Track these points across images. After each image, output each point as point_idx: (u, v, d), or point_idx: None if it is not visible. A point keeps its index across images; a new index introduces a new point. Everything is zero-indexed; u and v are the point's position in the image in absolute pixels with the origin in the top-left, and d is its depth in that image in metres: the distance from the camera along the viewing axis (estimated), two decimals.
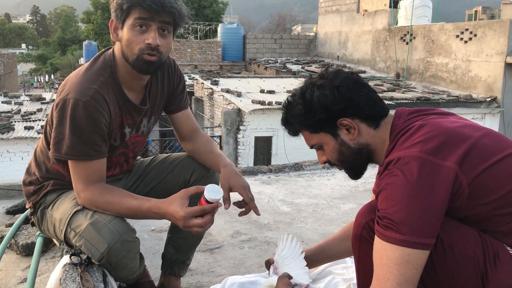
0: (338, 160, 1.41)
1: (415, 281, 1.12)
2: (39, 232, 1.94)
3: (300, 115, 1.37)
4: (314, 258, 1.71)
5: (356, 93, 1.34)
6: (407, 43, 14.56)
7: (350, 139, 1.36)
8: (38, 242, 1.99)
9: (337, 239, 1.69)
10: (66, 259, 1.62)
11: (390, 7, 16.26)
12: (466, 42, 12.52)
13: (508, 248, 1.22)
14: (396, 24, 15.64)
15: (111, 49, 1.64)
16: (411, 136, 1.24)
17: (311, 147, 1.44)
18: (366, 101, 1.34)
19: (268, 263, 1.77)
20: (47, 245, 2.22)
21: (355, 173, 1.45)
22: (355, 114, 1.34)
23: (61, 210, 1.62)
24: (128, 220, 1.63)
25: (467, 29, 12.52)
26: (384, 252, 1.14)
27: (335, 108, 1.33)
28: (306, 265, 1.72)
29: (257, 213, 1.64)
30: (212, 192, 1.48)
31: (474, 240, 1.20)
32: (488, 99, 11.39)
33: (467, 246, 1.19)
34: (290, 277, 1.61)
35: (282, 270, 1.69)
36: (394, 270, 1.11)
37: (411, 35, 14.53)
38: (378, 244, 1.17)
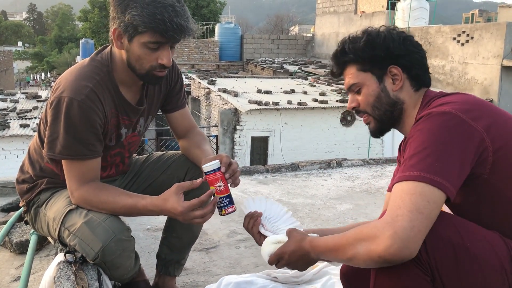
0: (373, 106, 1.40)
1: (427, 214, 1.09)
2: (33, 230, 1.92)
3: (359, 47, 1.39)
4: (320, 234, 1.66)
5: (416, 51, 1.38)
6: None
7: (392, 89, 1.38)
8: (32, 240, 1.97)
9: (345, 228, 1.68)
10: (60, 257, 1.60)
11: (387, 9, 16.30)
12: (463, 44, 12.56)
13: None
14: None
15: (109, 48, 1.60)
16: (445, 98, 1.29)
17: (349, 88, 1.44)
18: (421, 62, 1.39)
19: (250, 218, 1.57)
20: (42, 243, 2.20)
21: (380, 128, 1.44)
22: (406, 67, 1.37)
23: (54, 208, 1.60)
24: (123, 219, 1.61)
25: (464, 32, 12.56)
26: (399, 186, 1.15)
27: (394, 51, 1.36)
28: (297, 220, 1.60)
29: (235, 183, 1.57)
30: (210, 165, 1.48)
31: (501, 249, 1.18)
32: None
33: (493, 257, 1.17)
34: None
35: (273, 228, 1.55)
36: (407, 200, 1.11)
37: None
38: (395, 186, 1.17)
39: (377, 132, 1.45)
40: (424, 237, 1.10)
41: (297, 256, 1.35)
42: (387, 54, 1.36)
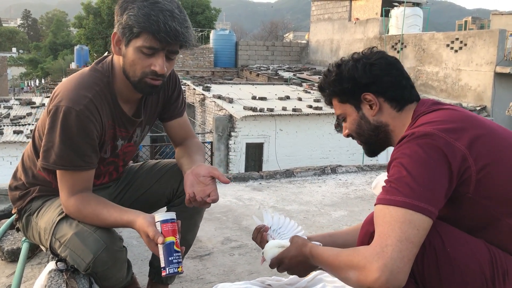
0: (356, 133, 1.48)
1: (416, 242, 1.11)
2: (25, 237, 1.90)
3: (330, 82, 1.46)
4: (321, 241, 1.67)
5: (386, 73, 1.40)
6: (398, 52, 14.67)
7: (370, 115, 1.42)
8: (24, 247, 1.95)
9: (346, 232, 1.69)
10: (51, 265, 1.59)
11: (381, 16, 16.41)
12: (456, 51, 12.66)
13: None
14: (387, 33, 15.77)
15: (110, 57, 1.58)
16: (430, 115, 1.30)
17: (337, 118, 1.53)
18: (393, 83, 1.40)
19: (257, 232, 1.63)
20: (33, 251, 2.18)
21: (370, 149, 1.51)
22: (379, 92, 1.40)
23: (45, 218, 1.58)
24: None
25: (457, 39, 12.66)
26: (387, 210, 1.15)
27: (361, 81, 1.40)
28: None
29: (224, 180, 1.56)
30: (168, 214, 1.41)
31: (483, 255, 1.19)
32: (478, 108, 11.50)
33: (474, 262, 1.18)
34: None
35: (281, 239, 1.59)
36: (396, 228, 1.11)
37: (402, 43, 14.65)
38: (379, 207, 1.17)
39: (369, 153, 1.53)
40: (412, 264, 1.11)
41: (297, 261, 1.39)
42: (355, 85, 1.41)
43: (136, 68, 1.46)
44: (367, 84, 1.39)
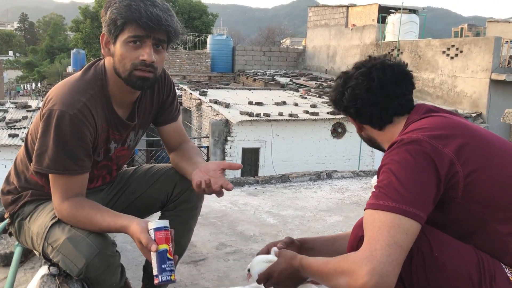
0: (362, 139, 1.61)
1: (405, 247, 1.12)
2: (17, 242, 1.89)
3: (332, 102, 1.58)
4: (322, 250, 1.65)
5: (358, 99, 1.44)
6: (394, 58, 14.74)
7: (359, 130, 1.55)
8: (17, 252, 1.93)
9: (342, 235, 1.68)
10: (44, 270, 1.57)
11: (378, 22, 16.49)
12: (452, 58, 12.73)
13: (507, 270, 1.22)
14: (384, 39, 15.84)
15: (102, 61, 1.58)
16: (420, 122, 1.33)
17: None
18: (364, 110, 1.44)
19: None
20: (26, 255, 2.16)
21: (381, 150, 1.56)
22: (355, 115, 1.49)
23: (38, 223, 1.57)
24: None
25: (453, 46, 12.73)
26: (376, 215, 1.16)
27: (338, 108, 1.53)
28: None
29: (237, 166, 1.69)
30: (161, 222, 1.41)
31: (470, 260, 1.20)
32: (474, 115, 11.55)
33: (461, 266, 1.19)
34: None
35: None
36: (385, 232, 1.12)
37: (399, 50, 14.72)
38: (369, 212, 1.18)
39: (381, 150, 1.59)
40: (401, 268, 1.12)
41: (287, 274, 1.37)
42: (340, 108, 1.52)
43: (126, 61, 1.46)
44: (345, 109, 1.50)
